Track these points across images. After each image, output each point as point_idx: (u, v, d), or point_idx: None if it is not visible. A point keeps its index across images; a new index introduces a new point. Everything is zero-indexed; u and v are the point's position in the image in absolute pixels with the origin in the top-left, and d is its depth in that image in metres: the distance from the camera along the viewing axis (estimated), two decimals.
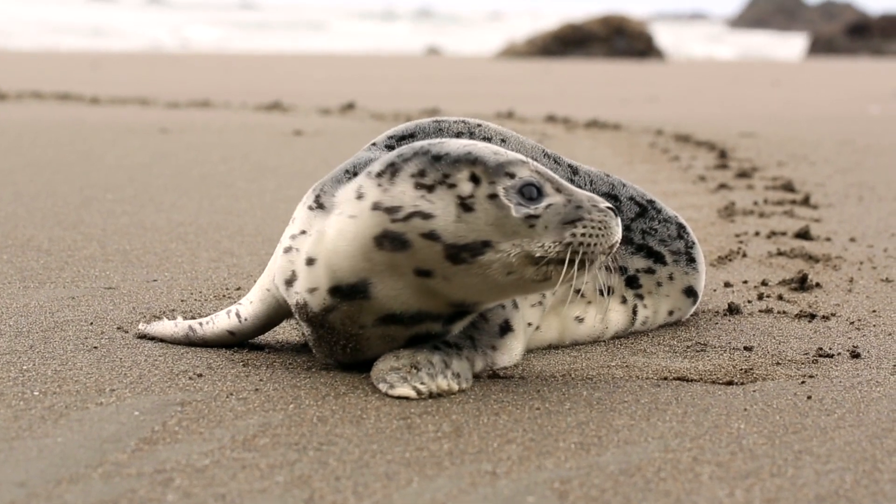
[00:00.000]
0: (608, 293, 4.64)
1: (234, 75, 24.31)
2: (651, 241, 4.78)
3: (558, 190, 3.80)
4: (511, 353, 4.20)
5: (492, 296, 3.90)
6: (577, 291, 4.53)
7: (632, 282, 4.71)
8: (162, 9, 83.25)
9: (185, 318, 4.62)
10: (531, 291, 3.91)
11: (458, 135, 4.47)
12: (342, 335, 4.00)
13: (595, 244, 3.75)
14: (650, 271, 4.76)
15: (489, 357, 4.12)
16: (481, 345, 4.10)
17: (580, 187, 4.64)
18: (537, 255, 3.73)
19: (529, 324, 4.37)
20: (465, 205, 3.73)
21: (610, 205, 3.82)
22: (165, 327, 4.48)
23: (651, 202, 4.87)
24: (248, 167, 9.93)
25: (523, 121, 14.43)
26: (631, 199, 4.81)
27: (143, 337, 4.49)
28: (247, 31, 60.75)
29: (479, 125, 4.58)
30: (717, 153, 11.36)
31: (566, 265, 3.73)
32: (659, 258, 4.79)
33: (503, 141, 4.57)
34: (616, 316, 4.67)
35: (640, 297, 4.74)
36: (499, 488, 3.11)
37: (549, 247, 3.72)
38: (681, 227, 4.91)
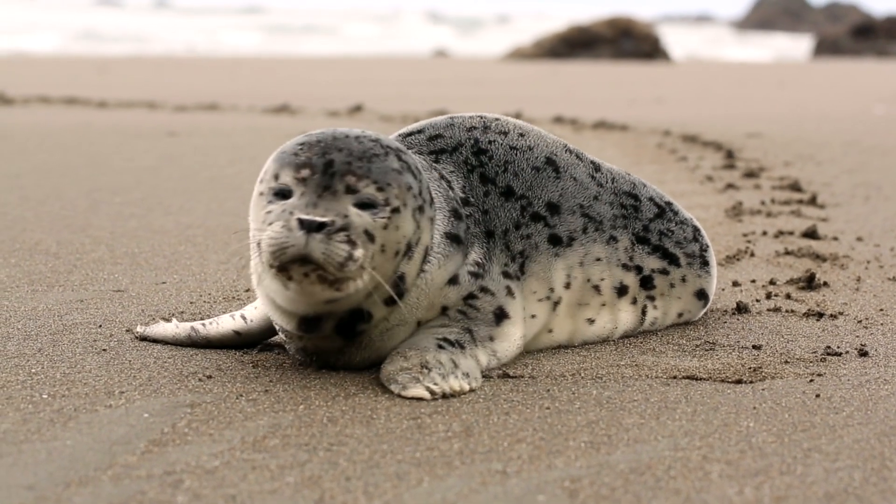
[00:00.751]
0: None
1: (241, 78, 24.32)
2: (667, 243, 4.76)
3: (301, 196, 3.75)
4: (510, 339, 4.20)
5: (299, 300, 3.89)
6: (596, 288, 4.52)
7: (646, 282, 4.70)
8: (169, 13, 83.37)
9: (182, 321, 4.64)
10: (297, 297, 3.86)
11: (471, 129, 4.47)
12: (302, 348, 4.09)
13: (266, 251, 3.71)
14: (664, 272, 4.74)
15: (489, 348, 4.11)
16: (479, 336, 4.09)
17: (601, 185, 4.62)
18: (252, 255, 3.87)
19: (533, 316, 4.35)
20: (255, 200, 3.88)
21: (306, 218, 3.66)
22: (166, 329, 4.48)
23: (669, 204, 4.87)
24: (256, 170, 9.86)
25: (531, 122, 14.39)
26: (650, 199, 4.80)
27: (144, 339, 4.50)
28: (255, 35, 60.78)
29: (497, 119, 4.56)
30: (725, 153, 11.35)
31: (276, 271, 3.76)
32: (673, 260, 4.77)
33: (521, 135, 4.54)
34: (626, 316, 4.66)
35: (652, 298, 4.72)
36: (509, 487, 3.11)
37: (253, 248, 3.86)
38: (696, 229, 4.91)
